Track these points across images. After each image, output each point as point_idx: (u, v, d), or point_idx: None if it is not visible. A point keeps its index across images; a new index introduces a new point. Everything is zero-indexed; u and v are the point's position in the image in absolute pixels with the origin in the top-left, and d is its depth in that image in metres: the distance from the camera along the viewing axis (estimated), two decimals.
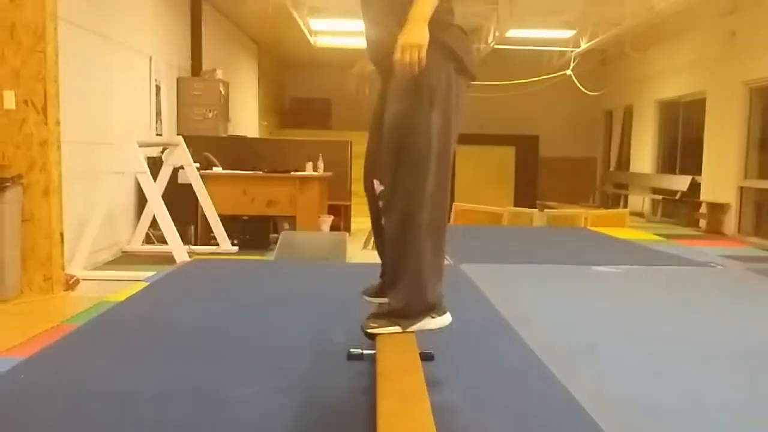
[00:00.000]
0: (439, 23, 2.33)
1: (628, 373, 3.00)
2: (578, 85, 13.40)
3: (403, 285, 2.43)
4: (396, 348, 2.36)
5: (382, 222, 2.52)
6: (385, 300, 2.55)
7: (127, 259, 6.66)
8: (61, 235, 4.87)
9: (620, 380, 2.91)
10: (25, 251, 4.71)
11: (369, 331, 2.46)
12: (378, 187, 2.50)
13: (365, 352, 2.61)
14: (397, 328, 2.45)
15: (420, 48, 2.19)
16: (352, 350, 2.67)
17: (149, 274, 4.93)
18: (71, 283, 4.97)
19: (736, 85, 10.03)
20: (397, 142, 2.37)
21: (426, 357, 2.54)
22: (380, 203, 2.52)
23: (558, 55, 13.82)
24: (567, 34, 12.45)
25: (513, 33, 11.78)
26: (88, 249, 5.76)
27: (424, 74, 2.29)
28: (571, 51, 12.96)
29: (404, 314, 2.45)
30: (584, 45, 12.33)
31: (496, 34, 11.89)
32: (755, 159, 9.98)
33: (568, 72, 13.24)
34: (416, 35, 2.20)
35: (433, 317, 2.48)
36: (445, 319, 2.52)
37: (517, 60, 13.77)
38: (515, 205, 12.87)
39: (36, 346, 3.11)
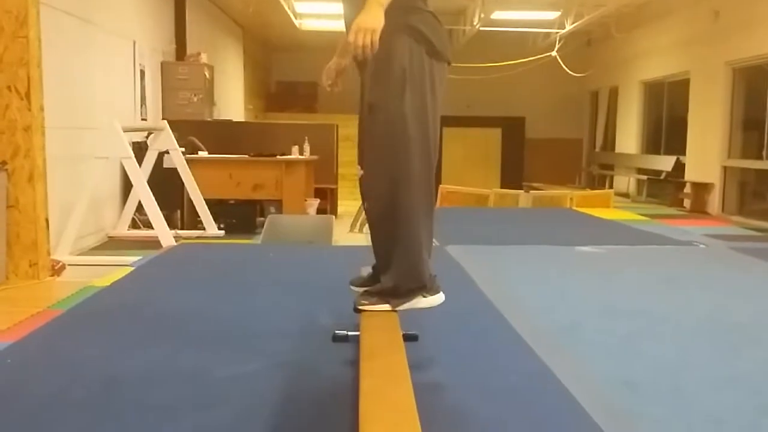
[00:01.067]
0: (410, 9, 2.39)
1: (610, 351, 3.05)
2: (563, 66, 13.42)
3: (393, 266, 2.47)
4: (380, 329, 2.39)
5: (364, 206, 2.55)
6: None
7: (113, 244, 6.66)
8: (47, 220, 4.86)
9: (602, 358, 2.96)
10: (10, 237, 4.70)
11: (360, 307, 2.51)
12: (360, 172, 2.53)
13: (350, 333, 2.65)
14: (387, 306, 2.49)
15: (373, 32, 2.22)
16: (337, 332, 2.71)
17: (135, 258, 4.94)
18: (57, 269, 4.97)
19: (719, 66, 10.09)
20: (374, 128, 2.41)
21: (410, 338, 2.58)
22: (361, 188, 2.56)
23: (543, 37, 13.83)
24: (552, 15, 12.44)
25: (498, 15, 11.77)
26: (73, 234, 5.76)
27: (396, 58, 2.34)
28: (556, 32, 12.96)
29: (395, 293, 2.49)
30: (569, 26, 12.34)
31: (482, 15, 11.87)
32: (738, 139, 10.07)
33: (554, 53, 13.26)
34: (370, 19, 2.23)
35: (424, 296, 2.53)
36: (438, 298, 2.57)
37: (502, 42, 13.77)
38: (502, 187, 12.93)
39: (23, 331, 3.13)
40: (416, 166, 2.40)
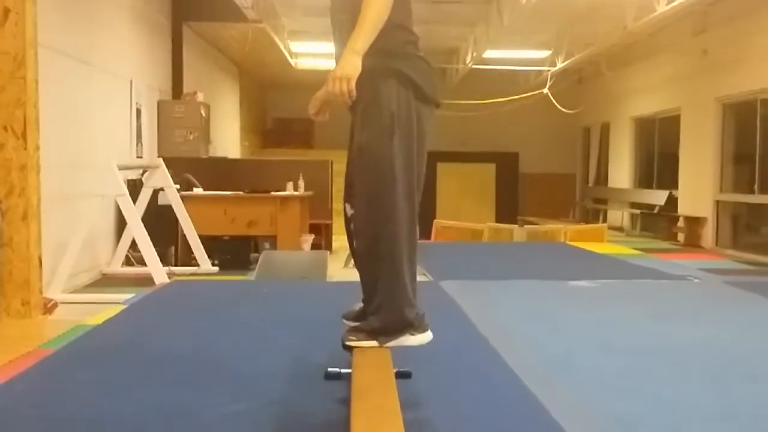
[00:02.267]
0: (401, 55, 2.47)
1: (604, 387, 3.04)
2: (555, 103, 13.57)
3: (380, 306, 2.49)
4: (372, 367, 2.39)
5: (351, 244, 2.58)
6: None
7: (106, 282, 6.64)
8: (40, 259, 4.85)
9: (596, 393, 2.95)
10: (3, 275, 4.69)
11: (347, 343, 2.52)
12: (349, 210, 2.58)
13: (342, 371, 2.64)
14: (375, 343, 2.50)
15: (349, 79, 2.31)
16: (329, 369, 2.70)
17: (128, 296, 4.92)
18: (49, 307, 4.95)
19: (709, 102, 10.21)
20: (363, 168, 2.47)
21: (403, 375, 2.57)
22: (351, 226, 2.59)
23: (535, 75, 14.01)
24: (543, 54, 12.64)
25: (490, 53, 11.94)
26: (67, 272, 5.75)
27: (384, 102, 2.42)
28: (548, 70, 13.14)
29: (383, 330, 2.51)
30: (560, 64, 12.51)
31: (474, 54, 12.05)
32: (730, 173, 10.15)
33: (545, 91, 13.42)
34: (347, 67, 2.32)
35: (412, 334, 2.54)
36: (426, 336, 2.57)
37: (495, 79, 13.94)
38: (497, 221, 12.96)
39: (12, 371, 3.10)
40: (401, 207, 2.46)
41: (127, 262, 7.10)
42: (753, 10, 8.62)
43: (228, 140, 12.59)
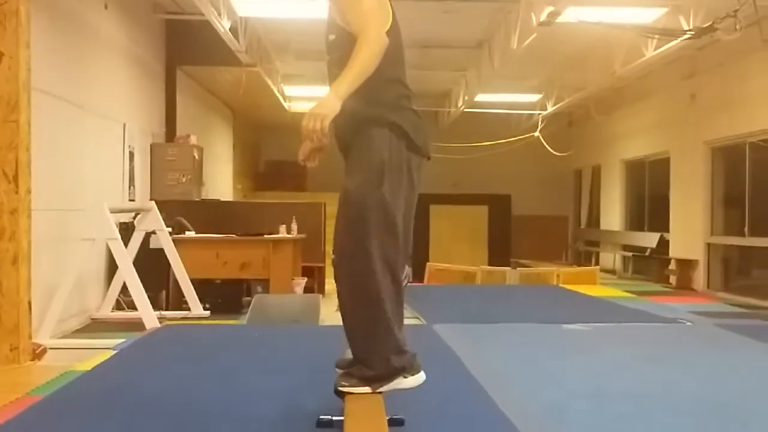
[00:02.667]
0: (394, 107, 2.56)
1: None
2: (546, 146, 13.70)
3: (369, 354, 2.49)
4: (364, 415, 2.37)
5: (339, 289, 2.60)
6: None
7: (96, 326, 6.56)
8: (29, 303, 4.81)
9: None
10: None
11: (340, 389, 2.52)
12: (333, 255, 2.59)
13: (335, 418, 2.61)
14: (368, 389, 2.49)
15: (323, 118, 2.37)
16: (321, 417, 2.67)
17: (118, 341, 4.87)
18: (38, 353, 4.88)
19: (697, 145, 10.33)
20: (348, 214, 2.51)
21: (396, 422, 2.54)
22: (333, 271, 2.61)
23: (526, 118, 14.17)
24: (534, 97, 12.81)
25: (481, 97, 12.09)
26: (56, 317, 5.68)
27: (376, 151, 2.48)
28: (539, 114, 13.30)
29: (375, 376, 2.50)
30: (551, 108, 12.68)
31: (466, 98, 12.20)
32: (720, 215, 10.21)
33: (536, 134, 13.57)
34: (324, 106, 2.39)
35: (405, 377, 2.53)
36: (418, 378, 2.57)
37: (486, 122, 14.08)
38: (489, 263, 12.97)
39: (0, 419, 3.05)
40: (384, 254, 2.47)
41: (118, 306, 7.04)
42: (741, 55, 8.79)
43: (221, 183, 12.61)
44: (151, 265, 6.99)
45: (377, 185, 2.47)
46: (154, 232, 7.14)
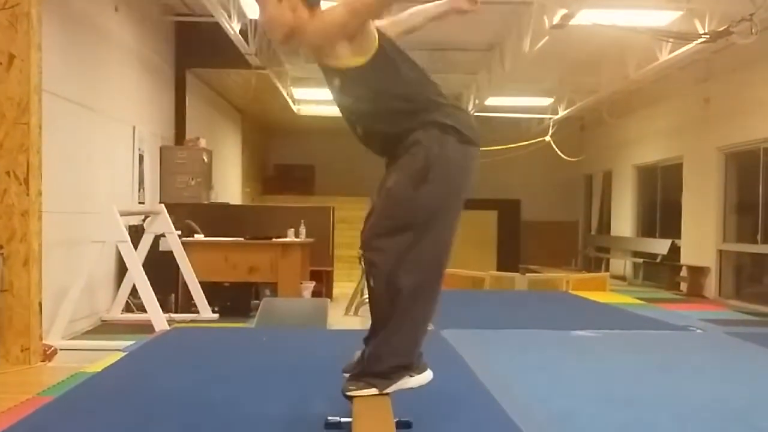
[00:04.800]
0: (433, 106, 2.54)
1: None
2: (557, 150, 13.64)
3: (384, 341, 2.48)
4: (372, 416, 2.36)
5: (370, 284, 2.58)
6: None
7: (106, 328, 6.59)
8: (40, 305, 4.83)
9: None
10: (3, 321, 4.65)
11: (348, 393, 2.51)
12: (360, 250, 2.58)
13: (343, 420, 2.61)
14: (374, 390, 2.48)
15: None
16: (329, 418, 2.67)
17: (128, 343, 4.88)
18: (48, 354, 4.90)
19: (711, 151, 10.26)
20: (390, 209, 2.50)
21: (403, 425, 2.53)
22: (364, 266, 2.59)
23: (537, 122, 14.12)
24: (545, 101, 12.75)
25: (492, 101, 12.05)
26: (66, 318, 5.71)
27: (422, 150, 2.46)
28: (550, 118, 13.24)
29: (381, 375, 2.48)
30: (562, 112, 12.62)
31: (477, 101, 12.16)
32: (733, 222, 10.13)
33: (548, 138, 13.50)
34: None
35: (411, 376, 2.52)
36: (425, 376, 2.56)
37: (497, 126, 14.02)
38: (498, 269, 12.91)
39: (10, 420, 3.06)
40: (423, 252, 2.46)
41: (127, 308, 7.06)
42: (756, 60, 8.72)
43: (229, 186, 12.64)
44: (161, 268, 7.01)
45: (421, 182, 2.45)
46: (163, 235, 7.17)
